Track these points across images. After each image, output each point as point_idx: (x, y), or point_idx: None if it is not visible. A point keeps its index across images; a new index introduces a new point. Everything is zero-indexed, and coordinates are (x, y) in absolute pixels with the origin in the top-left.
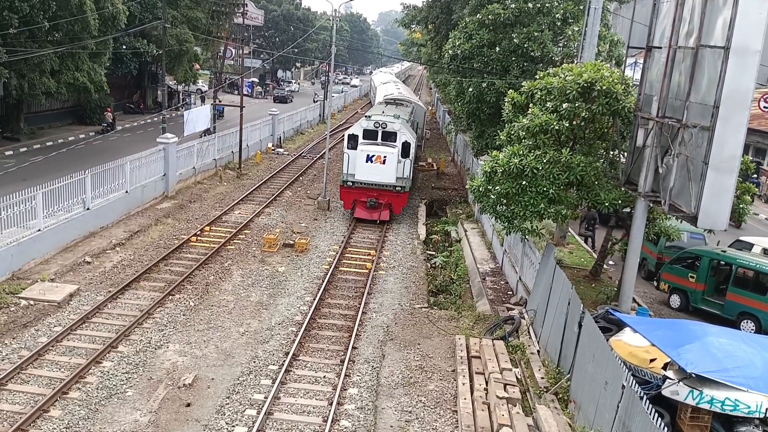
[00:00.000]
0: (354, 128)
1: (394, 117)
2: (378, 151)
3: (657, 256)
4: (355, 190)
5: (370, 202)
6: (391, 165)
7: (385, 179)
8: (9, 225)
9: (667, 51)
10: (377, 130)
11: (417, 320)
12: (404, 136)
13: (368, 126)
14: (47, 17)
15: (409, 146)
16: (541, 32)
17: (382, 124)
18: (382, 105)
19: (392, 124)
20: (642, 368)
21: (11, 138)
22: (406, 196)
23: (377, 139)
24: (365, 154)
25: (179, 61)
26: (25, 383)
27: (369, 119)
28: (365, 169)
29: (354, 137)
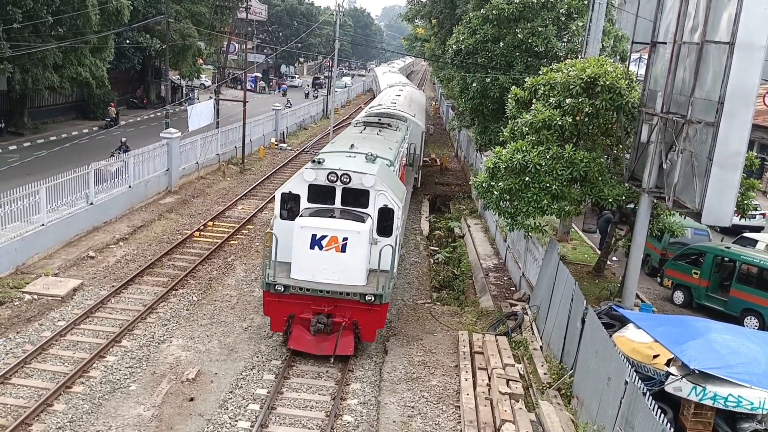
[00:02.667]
0: (292, 182)
1: (368, 159)
2: (333, 229)
3: (661, 252)
4: (290, 300)
5: (317, 326)
6: (357, 254)
7: (345, 279)
8: (13, 219)
9: (672, 46)
10: (333, 187)
11: (420, 316)
12: (384, 197)
13: (317, 179)
14: (51, 12)
15: (390, 214)
16: (545, 27)
17: (342, 175)
18: (357, 129)
19: (362, 175)
20: (645, 364)
21: (15, 133)
22: (384, 311)
23: (333, 201)
24: (309, 233)
25: (183, 56)
26: (29, 377)
27: (319, 166)
28: (309, 260)
29: (291, 199)
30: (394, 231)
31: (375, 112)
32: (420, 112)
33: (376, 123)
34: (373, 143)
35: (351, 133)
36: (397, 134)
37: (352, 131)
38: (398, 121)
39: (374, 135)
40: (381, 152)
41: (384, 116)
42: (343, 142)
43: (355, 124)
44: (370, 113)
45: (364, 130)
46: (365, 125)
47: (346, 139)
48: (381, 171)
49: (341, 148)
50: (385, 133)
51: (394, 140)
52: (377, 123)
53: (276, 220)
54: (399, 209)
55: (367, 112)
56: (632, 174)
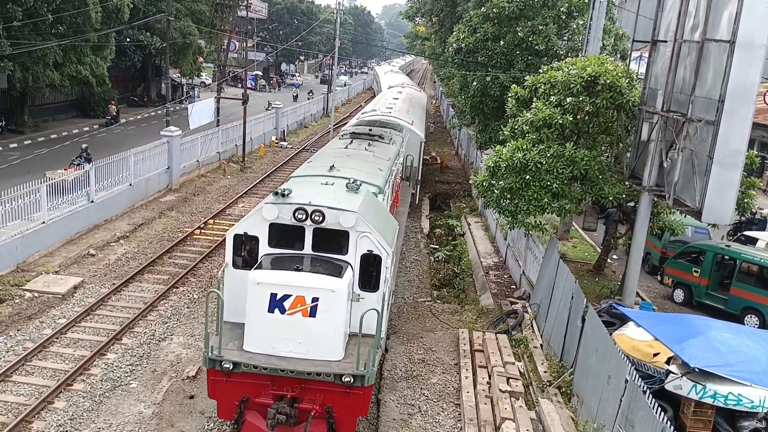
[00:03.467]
0: (248, 220)
1: (350, 187)
2: (299, 286)
3: (661, 250)
4: (243, 380)
5: (276, 418)
6: (332, 319)
7: (315, 353)
8: (14, 217)
9: (673, 45)
10: (302, 227)
11: (420, 314)
12: (368, 240)
13: (281, 216)
14: (51, 10)
15: (376, 262)
16: (545, 26)
17: (314, 212)
18: (342, 142)
19: (340, 212)
20: (645, 362)
21: (16, 131)
22: (368, 395)
23: (302, 246)
24: (267, 292)
25: (183, 54)
26: (30, 375)
27: (283, 199)
28: (268, 327)
29: (247, 242)
30: (382, 284)
31: (367, 119)
32: (419, 119)
33: (366, 135)
34: (360, 163)
35: (334, 149)
36: (389, 149)
37: (335, 146)
38: (392, 132)
39: (362, 151)
40: (368, 176)
41: (376, 125)
42: (322, 161)
43: (341, 136)
44: (361, 121)
45: (351, 144)
46: (353, 137)
47: (326, 158)
48: (366, 205)
49: (317, 171)
50: (375, 148)
51: (385, 157)
52: (367, 135)
53: (227, 270)
54: (388, 255)
55: (358, 119)
56: (632, 172)
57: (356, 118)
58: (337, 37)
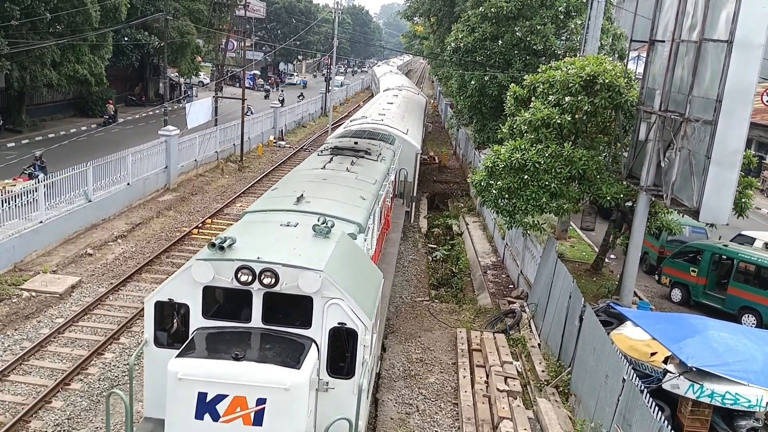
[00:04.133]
0: (175, 281)
1: (319, 231)
2: (238, 383)
3: (658, 250)
4: None
5: None
6: (286, 428)
7: None
8: (11, 217)
9: (670, 45)
10: (248, 292)
11: (418, 313)
12: (339, 308)
13: (218, 277)
14: (49, 8)
15: (351, 339)
16: (543, 25)
17: (263, 272)
18: (320, 160)
19: (300, 271)
20: (643, 362)
21: (13, 130)
22: None
23: (248, 318)
24: (193, 391)
25: (181, 53)
26: (27, 374)
27: (222, 253)
28: None
29: (172, 312)
30: (359, 368)
31: (355, 128)
32: (415, 126)
33: (350, 150)
34: (337, 190)
35: (308, 170)
36: (377, 168)
37: (311, 165)
38: (382, 145)
39: (342, 172)
40: (346, 209)
41: (364, 136)
42: (289, 188)
43: (321, 151)
44: (347, 131)
45: (330, 163)
46: (334, 153)
47: (295, 183)
48: (338, 257)
49: (280, 204)
50: (360, 167)
51: (371, 179)
52: (351, 150)
53: (147, 349)
54: (366, 329)
55: (345, 128)
56: (630, 172)
57: (343, 127)
58: (335, 37)
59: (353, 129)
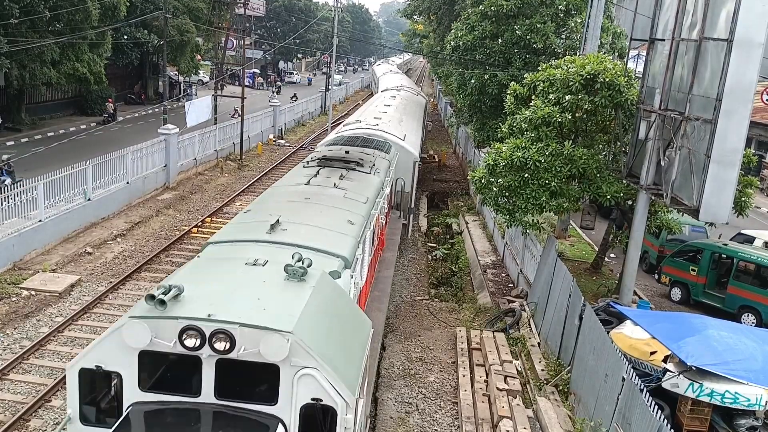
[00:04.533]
0: (104, 343)
1: (293, 273)
2: None
3: (658, 249)
4: None
5: None
6: None
7: None
8: (10, 215)
9: (670, 43)
10: (197, 359)
11: (418, 312)
12: (312, 380)
13: (158, 340)
14: (48, 7)
15: (329, 418)
16: (543, 24)
17: (215, 334)
18: (305, 173)
19: (263, 333)
20: (642, 361)
21: (12, 128)
22: None
23: (197, 391)
24: None
25: (181, 51)
26: (27, 373)
27: (162, 309)
28: None
29: (101, 383)
30: None
31: (347, 134)
32: (414, 131)
33: (340, 161)
34: (321, 212)
35: (290, 186)
36: (370, 182)
37: (294, 180)
38: (376, 154)
39: (329, 189)
40: (330, 237)
41: (357, 144)
42: (266, 209)
43: (307, 162)
44: (339, 137)
45: (316, 177)
46: (321, 165)
47: (273, 202)
48: (313, 311)
49: (250, 233)
50: (350, 182)
51: (362, 197)
52: (341, 161)
53: (72, 428)
54: (349, 406)
55: (336, 134)
56: (630, 171)
57: (335, 132)
58: (335, 35)
59: (346, 135)
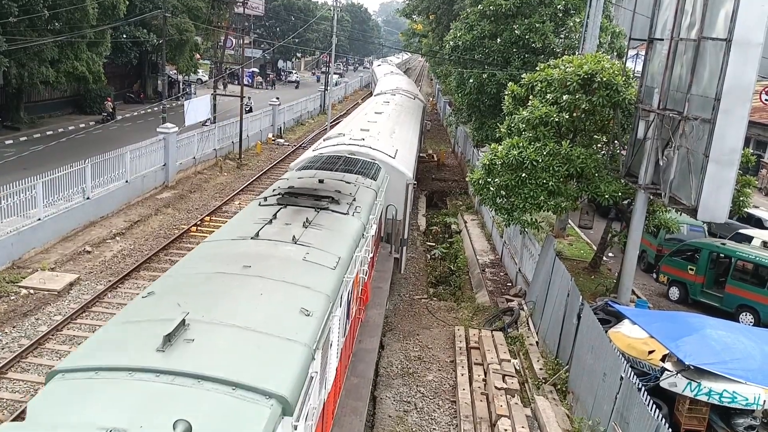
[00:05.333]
0: None
1: None
2: None
3: (656, 248)
4: None
5: None
6: None
7: None
8: (9, 214)
9: (669, 43)
10: None
11: (416, 311)
12: None
13: None
14: (47, 6)
15: None
16: (542, 23)
17: None
18: (261, 213)
19: None
20: (640, 360)
21: (11, 127)
22: None
23: None
24: None
25: (180, 50)
26: (26, 371)
27: None
28: None
29: None
30: None
31: (327, 152)
32: (408, 143)
33: (310, 196)
34: (263, 295)
35: (228, 241)
36: (347, 227)
37: (238, 229)
38: (360, 181)
39: (284, 248)
40: (264, 353)
41: (337, 167)
42: (176, 293)
43: (265, 199)
44: (316, 157)
45: (272, 225)
46: (283, 202)
47: (192, 276)
48: None
49: (132, 347)
50: (317, 232)
51: (331, 257)
52: (311, 196)
53: None
54: None
55: (314, 150)
56: (628, 170)
57: (312, 149)
58: (334, 34)
59: (324, 153)
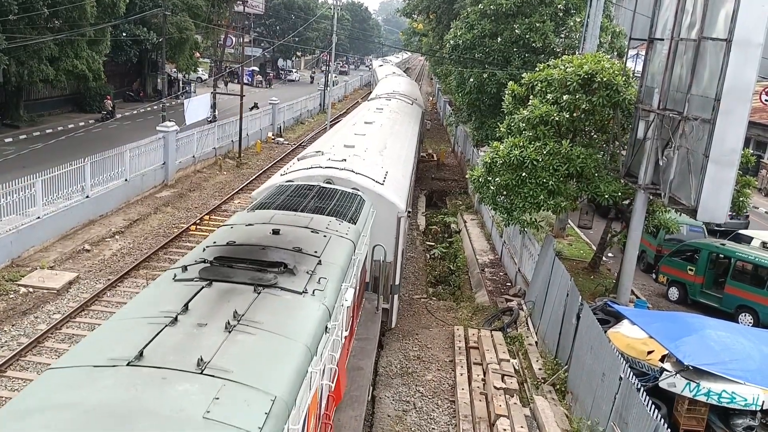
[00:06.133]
0: None
1: None
2: None
3: (656, 248)
4: None
5: None
6: None
7: None
8: (8, 212)
9: (669, 43)
10: None
11: (416, 311)
12: None
13: None
14: (47, 4)
15: None
16: (542, 23)
17: None
18: (167, 306)
19: None
20: (639, 360)
21: (11, 125)
22: None
23: None
24: None
25: (180, 49)
26: (25, 370)
27: None
28: None
29: None
30: None
31: (297, 181)
32: (402, 162)
33: (254, 260)
34: None
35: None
36: (300, 318)
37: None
38: (332, 228)
39: (176, 390)
40: None
41: (306, 205)
42: None
43: (184, 268)
44: (281, 189)
45: (175, 326)
46: (207, 277)
47: None
48: None
49: None
50: (248, 336)
51: (260, 399)
52: (257, 258)
53: None
54: None
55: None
56: (628, 170)
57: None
58: (334, 33)
59: (294, 181)
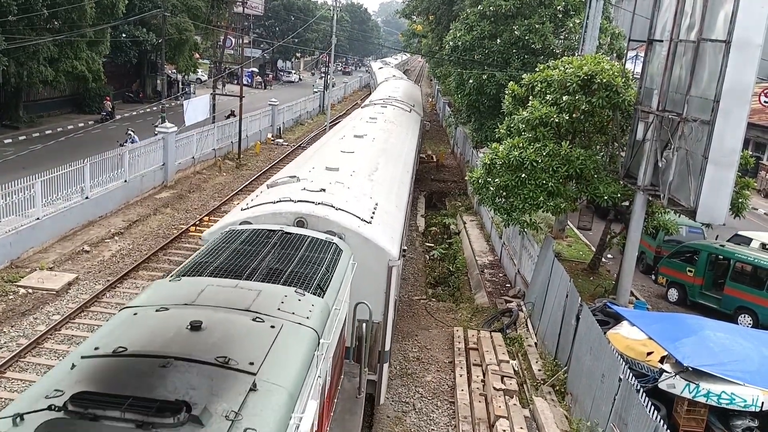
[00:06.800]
0: None
1: None
2: None
3: (655, 249)
4: None
5: None
6: None
7: None
8: (8, 213)
9: (669, 44)
10: None
11: (415, 312)
12: None
13: None
14: (46, 5)
15: None
16: (542, 24)
17: None
18: None
19: None
20: (639, 361)
21: (10, 126)
22: None
23: None
24: None
25: (179, 50)
26: (24, 371)
27: None
28: None
29: None
30: None
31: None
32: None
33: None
34: None
35: None
36: None
37: None
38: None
39: None
40: None
41: (258, 263)
42: None
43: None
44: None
45: None
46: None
47: None
48: None
49: None
50: None
51: None
52: (145, 396)
53: None
54: None
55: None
56: (628, 171)
57: (241, 208)
58: (333, 34)
59: (253, 221)
